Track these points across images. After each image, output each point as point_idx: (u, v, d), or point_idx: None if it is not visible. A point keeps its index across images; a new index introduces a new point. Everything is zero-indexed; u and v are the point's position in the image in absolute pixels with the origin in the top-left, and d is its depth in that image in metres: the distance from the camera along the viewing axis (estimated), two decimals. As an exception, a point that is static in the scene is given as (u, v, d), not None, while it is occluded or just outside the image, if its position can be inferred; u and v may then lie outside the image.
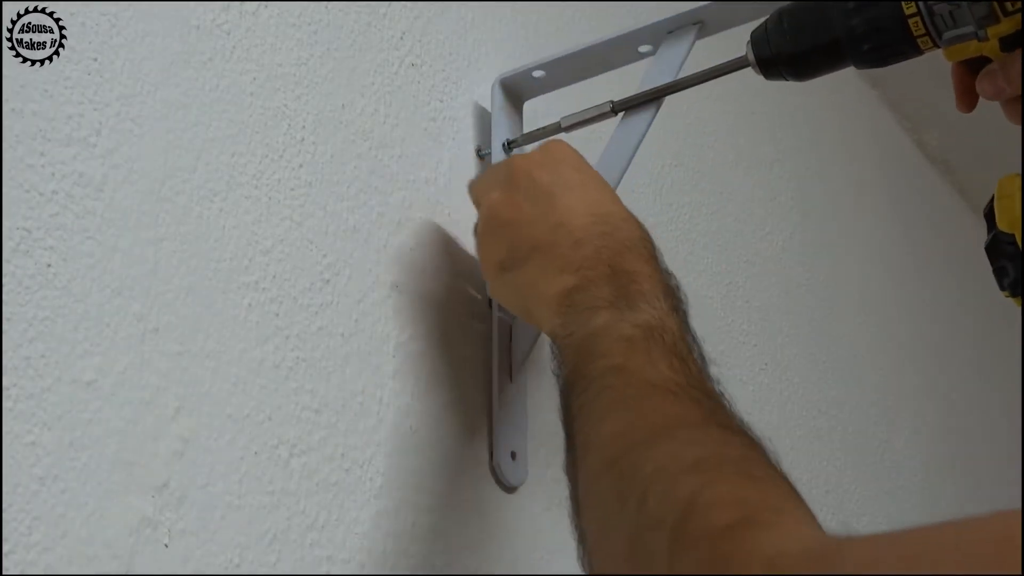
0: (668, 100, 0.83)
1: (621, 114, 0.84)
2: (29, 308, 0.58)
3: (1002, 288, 0.73)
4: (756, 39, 0.77)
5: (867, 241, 1.62)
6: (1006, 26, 0.71)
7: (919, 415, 1.58)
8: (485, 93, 0.91)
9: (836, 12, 0.73)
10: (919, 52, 0.73)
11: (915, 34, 0.71)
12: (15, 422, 0.56)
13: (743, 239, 1.27)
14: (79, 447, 0.58)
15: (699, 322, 1.14)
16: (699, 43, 0.84)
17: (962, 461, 1.67)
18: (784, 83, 0.78)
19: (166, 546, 0.61)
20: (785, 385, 1.25)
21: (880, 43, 0.73)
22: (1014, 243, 0.71)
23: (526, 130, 0.90)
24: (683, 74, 0.83)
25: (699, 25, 0.83)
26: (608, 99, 0.84)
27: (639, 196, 1.09)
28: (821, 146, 1.56)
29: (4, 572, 0.54)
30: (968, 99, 0.75)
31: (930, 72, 1.61)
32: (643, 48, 0.85)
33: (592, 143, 0.84)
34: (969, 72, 0.75)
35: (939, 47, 0.73)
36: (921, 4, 0.71)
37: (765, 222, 1.33)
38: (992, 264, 0.73)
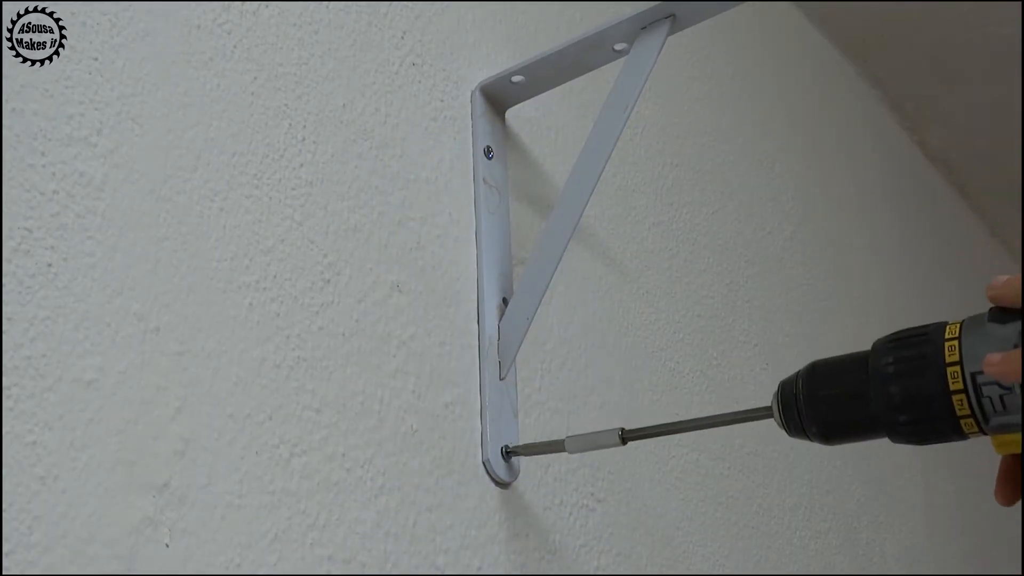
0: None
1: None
2: (30, 308, 0.58)
3: None
4: (785, 395, 0.69)
5: (867, 241, 1.62)
6: None
7: (919, 415, 1.57)
8: (486, 93, 0.91)
9: (874, 375, 0.66)
10: (962, 436, 0.65)
11: (958, 413, 0.63)
12: (15, 422, 0.56)
13: (743, 239, 1.27)
14: (79, 447, 0.58)
15: (700, 322, 1.13)
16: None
17: (962, 461, 1.67)
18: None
19: (167, 546, 0.61)
20: (785, 385, 1.25)
21: (918, 417, 0.65)
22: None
23: (510, 136, 0.90)
24: (654, 76, 0.81)
25: (671, 19, 0.82)
26: (617, 427, 0.77)
27: (639, 196, 1.09)
28: (821, 146, 1.56)
29: (4, 572, 0.54)
30: (1008, 492, 0.65)
31: (931, 71, 1.62)
32: (619, 46, 0.85)
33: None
34: (1016, 464, 0.65)
35: (985, 433, 0.64)
36: (969, 381, 0.62)
37: (765, 222, 1.33)
38: None
